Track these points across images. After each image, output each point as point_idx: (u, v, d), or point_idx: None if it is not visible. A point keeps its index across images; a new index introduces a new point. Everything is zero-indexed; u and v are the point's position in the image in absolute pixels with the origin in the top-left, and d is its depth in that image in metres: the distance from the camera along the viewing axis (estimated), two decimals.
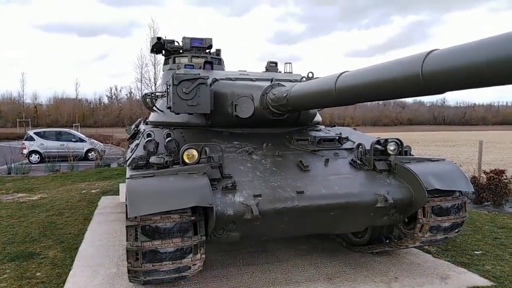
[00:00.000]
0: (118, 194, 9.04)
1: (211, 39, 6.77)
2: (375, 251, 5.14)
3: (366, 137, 5.24)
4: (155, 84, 19.61)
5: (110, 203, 8.43)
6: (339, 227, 4.29)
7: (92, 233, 6.26)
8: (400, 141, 4.55)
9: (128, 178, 3.46)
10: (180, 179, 3.49)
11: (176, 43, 6.72)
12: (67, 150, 15.62)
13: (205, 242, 3.52)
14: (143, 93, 6.49)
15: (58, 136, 18.54)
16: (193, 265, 3.49)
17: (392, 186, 4.13)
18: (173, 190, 3.34)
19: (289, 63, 6.53)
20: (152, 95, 6.40)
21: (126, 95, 76.26)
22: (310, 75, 5.18)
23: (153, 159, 3.78)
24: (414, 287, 4.29)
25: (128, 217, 3.19)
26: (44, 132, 18.94)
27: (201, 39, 6.70)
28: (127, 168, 4.05)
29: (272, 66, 6.52)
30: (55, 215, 7.45)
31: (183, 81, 4.52)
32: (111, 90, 79.76)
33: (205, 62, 6.19)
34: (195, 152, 3.83)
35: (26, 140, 17.98)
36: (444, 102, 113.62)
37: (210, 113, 4.87)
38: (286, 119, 4.93)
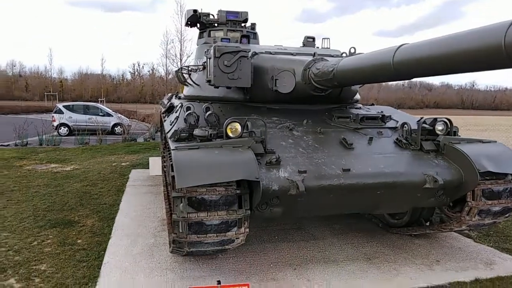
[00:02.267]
0: (148, 168, 9.18)
1: (247, 12, 6.59)
2: (414, 234, 5.03)
3: (410, 117, 5.05)
4: (181, 60, 19.56)
5: (141, 176, 8.53)
6: (382, 207, 4.18)
7: (127, 204, 6.35)
8: (450, 120, 4.35)
9: (173, 150, 3.42)
10: (226, 152, 3.43)
11: (211, 17, 6.58)
12: (95, 124, 15.84)
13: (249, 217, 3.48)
14: (179, 67, 6.42)
15: (86, 110, 18.83)
16: (236, 238, 3.47)
17: (440, 167, 3.96)
18: (220, 163, 3.29)
19: (327, 38, 6.30)
20: (188, 68, 6.34)
21: (149, 71, 76.61)
22: (352, 50, 4.98)
23: (197, 132, 3.72)
24: (457, 271, 4.18)
25: (176, 188, 3.16)
26: (73, 105, 19.25)
27: (237, 13, 6.53)
28: (170, 140, 4.02)
29: (309, 41, 6.32)
30: (89, 185, 7.59)
31: (225, 54, 4.41)
32: (134, 67, 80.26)
33: (242, 36, 6.05)
34: (238, 126, 3.75)
35: (55, 113, 18.33)
36: (474, 85, 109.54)
37: (249, 88, 4.77)
38: (327, 95, 4.80)
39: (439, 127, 4.35)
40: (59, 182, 7.81)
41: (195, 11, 6.38)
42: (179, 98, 7.11)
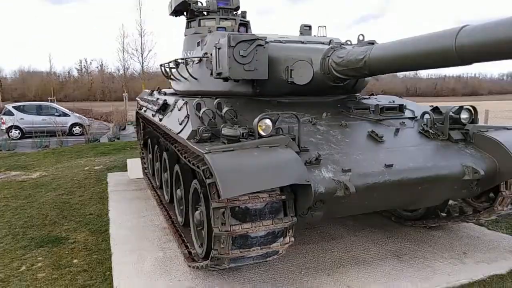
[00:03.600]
0: (125, 171, 8.52)
1: None
2: (431, 225, 4.92)
3: (418, 105, 4.90)
4: (142, 54, 18.51)
5: (120, 180, 7.85)
6: (418, 202, 3.98)
7: (117, 213, 5.74)
8: (474, 108, 4.23)
9: (207, 153, 2.97)
10: (266, 153, 3.04)
11: (200, 4, 6.05)
12: (54, 125, 14.60)
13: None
14: (169, 61, 5.86)
15: (39, 110, 17.33)
16: (281, 249, 3.11)
17: (474, 157, 3.82)
18: (265, 167, 2.89)
19: (324, 26, 6.03)
20: (176, 62, 5.79)
21: (97, 67, 72.67)
22: (361, 37, 4.73)
23: (225, 131, 3.28)
24: (489, 263, 4.09)
25: (221, 198, 2.72)
26: (24, 106, 17.62)
27: (228, 0, 6.06)
28: (188, 142, 3.55)
29: (306, 30, 6.00)
30: (66, 194, 6.84)
31: (241, 43, 3.99)
32: (80, 63, 75.30)
33: (240, 25, 5.63)
34: (269, 123, 3.37)
35: (4, 115, 16.70)
36: (416, 74, 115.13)
37: (258, 80, 4.39)
38: (344, 86, 4.55)
39: (464, 115, 4.22)
40: (29, 192, 6.97)
41: None
42: (165, 94, 6.56)
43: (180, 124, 4.08)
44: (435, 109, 4.58)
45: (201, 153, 3.04)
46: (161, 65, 6.87)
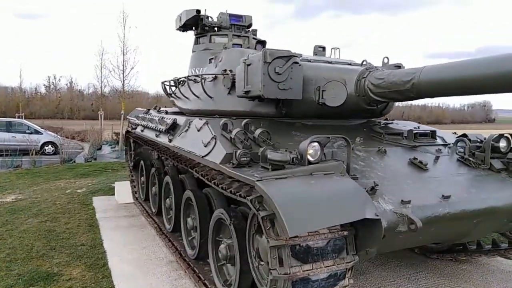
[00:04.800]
0: (112, 194, 7.90)
1: (250, 16, 5.86)
2: (460, 259, 4.65)
3: (444, 132, 4.72)
4: (123, 72, 17.88)
5: (109, 206, 7.20)
6: (472, 235, 3.68)
7: (113, 244, 5.13)
8: None
9: (258, 181, 2.56)
10: (326, 183, 2.67)
11: (210, 19, 5.72)
12: (27, 143, 13.62)
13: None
14: (187, 75, 5.42)
15: (9, 127, 16.25)
16: None
17: None
18: (332, 199, 2.52)
19: (337, 48, 5.85)
20: (197, 78, 5.28)
21: (66, 84, 70.42)
22: (386, 60, 4.54)
23: (273, 155, 2.86)
24: None
25: (286, 235, 2.29)
26: None
27: (240, 16, 5.78)
28: (224, 167, 3.13)
29: (320, 51, 5.78)
30: (49, 221, 6.13)
31: (277, 59, 3.67)
32: (49, 79, 72.60)
33: (258, 42, 5.34)
34: (318, 147, 3.01)
35: None
36: None
37: (286, 100, 4.07)
38: (375, 109, 4.31)
39: (502, 143, 4.01)
40: (7, 219, 6.21)
41: (198, 11, 5.48)
42: (167, 112, 6.10)
43: (205, 146, 3.65)
44: (463, 136, 4.43)
45: (251, 181, 2.62)
46: (162, 83, 6.45)
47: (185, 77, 5.40)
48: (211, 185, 3.53)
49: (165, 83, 6.39)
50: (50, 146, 16.40)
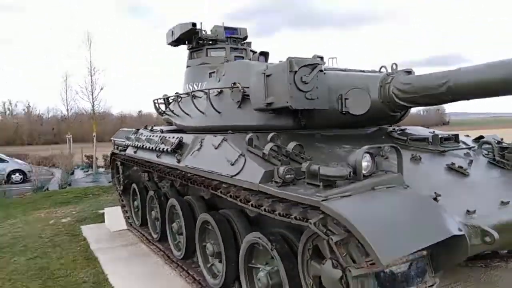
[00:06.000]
0: (101, 222, 7.38)
1: (245, 29, 5.64)
2: (494, 265, 4.54)
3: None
4: (93, 93, 17.09)
5: (101, 234, 6.66)
6: None
7: (120, 279, 4.66)
8: None
9: (324, 201, 2.28)
10: (397, 199, 2.45)
11: (203, 32, 5.44)
12: None
13: None
14: (190, 90, 5.08)
15: None
16: None
17: None
18: (415, 217, 2.29)
19: (335, 57, 5.71)
20: (196, 93, 4.94)
21: (24, 109, 67.24)
22: (394, 66, 4.43)
23: (327, 170, 2.59)
24: None
25: (384, 264, 2.02)
26: None
27: (235, 29, 5.54)
28: (264, 186, 2.83)
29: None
30: (39, 257, 5.55)
31: (303, 67, 3.45)
32: (4, 105, 68.93)
33: (260, 53, 5.12)
34: (370, 158, 2.78)
35: None
36: None
37: (304, 111, 3.84)
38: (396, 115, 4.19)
39: None
40: None
41: (194, 24, 5.18)
42: (163, 131, 5.72)
43: (233, 165, 3.34)
44: (480, 138, 4.39)
45: (315, 202, 2.35)
46: (154, 101, 6.09)
47: (186, 93, 5.09)
48: (248, 207, 3.20)
49: (158, 100, 6.04)
50: (17, 174, 15.34)
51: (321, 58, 5.88)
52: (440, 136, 4.05)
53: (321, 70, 3.62)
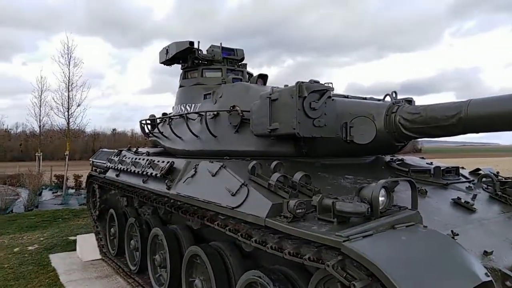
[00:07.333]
0: (72, 250, 6.85)
1: (242, 50, 5.48)
2: None
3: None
4: (69, 109, 16.41)
5: (71, 264, 6.14)
6: None
7: None
8: None
9: (346, 241, 2.05)
10: (424, 239, 2.24)
11: (200, 52, 5.25)
12: None
13: None
14: (183, 111, 4.83)
15: None
16: None
17: None
18: (443, 260, 2.08)
19: (330, 83, 5.66)
20: (189, 116, 4.66)
21: None
22: (393, 95, 4.37)
23: (344, 206, 2.37)
24: None
25: None
26: None
27: (232, 50, 5.38)
28: (273, 221, 2.58)
29: None
30: None
31: (312, 93, 3.29)
32: None
33: (259, 76, 4.94)
34: (385, 193, 2.60)
35: None
36: None
37: (308, 138, 3.66)
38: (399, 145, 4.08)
39: None
40: None
41: (191, 43, 4.98)
42: (149, 154, 5.40)
43: (234, 195, 3.07)
44: (477, 171, 4.36)
45: (335, 242, 2.11)
46: (141, 122, 5.80)
47: (178, 115, 4.83)
48: (250, 243, 2.91)
49: (145, 121, 5.75)
50: None
51: (318, 82, 5.85)
52: (442, 168, 3.96)
53: (329, 97, 3.46)
